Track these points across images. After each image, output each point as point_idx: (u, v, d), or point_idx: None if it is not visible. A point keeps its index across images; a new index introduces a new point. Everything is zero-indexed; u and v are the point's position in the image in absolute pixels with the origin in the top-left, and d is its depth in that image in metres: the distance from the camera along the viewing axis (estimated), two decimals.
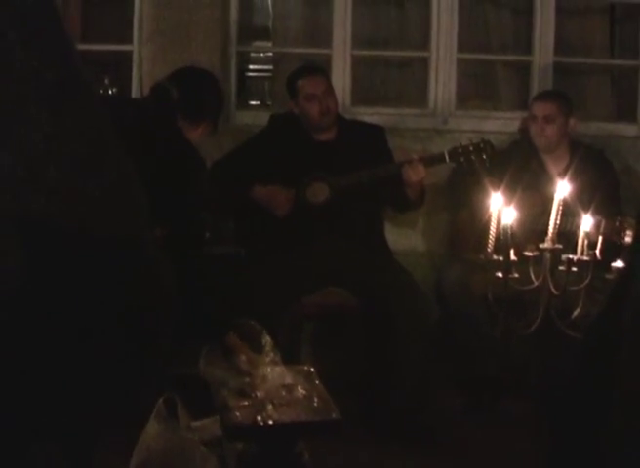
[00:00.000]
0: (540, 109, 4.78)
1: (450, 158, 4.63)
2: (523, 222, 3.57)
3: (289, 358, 3.49)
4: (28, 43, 0.68)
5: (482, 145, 4.62)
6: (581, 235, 3.30)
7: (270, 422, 2.65)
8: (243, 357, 2.96)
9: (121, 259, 0.73)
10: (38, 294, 0.69)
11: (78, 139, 0.70)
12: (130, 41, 5.25)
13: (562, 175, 4.40)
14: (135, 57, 5.20)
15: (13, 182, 0.65)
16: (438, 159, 4.65)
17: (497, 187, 3.56)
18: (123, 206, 0.74)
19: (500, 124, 5.33)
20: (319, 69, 4.84)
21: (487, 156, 4.60)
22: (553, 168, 4.76)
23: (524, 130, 5.02)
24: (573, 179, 3.72)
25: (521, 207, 3.48)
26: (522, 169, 4.64)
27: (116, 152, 0.75)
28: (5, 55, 0.67)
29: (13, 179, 0.65)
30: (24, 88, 0.67)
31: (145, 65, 5.12)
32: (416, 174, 4.53)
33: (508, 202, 3.35)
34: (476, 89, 5.74)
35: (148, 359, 0.87)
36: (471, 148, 4.62)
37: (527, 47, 5.54)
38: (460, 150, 4.63)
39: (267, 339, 3.07)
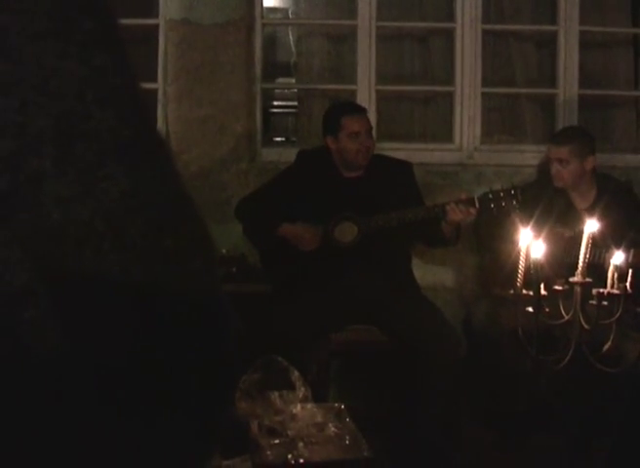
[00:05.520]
0: (554, 153, 4.71)
1: (480, 204, 4.50)
2: (552, 257, 3.54)
3: (317, 395, 3.47)
4: (105, 101, 0.68)
5: (513, 192, 4.52)
6: (611, 268, 3.27)
7: (301, 461, 2.64)
8: (276, 393, 2.95)
9: (200, 329, 0.71)
10: (104, 359, 0.67)
11: (156, 196, 0.69)
12: (154, 80, 5.27)
13: (590, 209, 4.38)
14: (160, 95, 5.22)
15: (92, 237, 0.65)
16: (468, 204, 4.54)
17: (526, 224, 3.53)
18: (201, 265, 0.72)
19: (526, 157, 5.31)
20: (363, 108, 4.79)
21: (517, 202, 4.50)
22: (580, 203, 4.72)
23: (544, 165, 4.96)
24: (601, 214, 3.69)
25: (550, 241, 3.46)
26: (549, 204, 4.60)
27: (192, 208, 0.75)
28: (82, 115, 0.67)
29: (92, 234, 0.65)
30: (101, 146, 0.67)
31: (171, 104, 5.15)
32: (459, 214, 4.47)
33: (537, 236, 3.33)
34: (501, 123, 5.74)
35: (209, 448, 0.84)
36: (502, 194, 4.51)
37: (551, 80, 5.54)
38: (490, 196, 4.53)
39: (296, 375, 3.06)
